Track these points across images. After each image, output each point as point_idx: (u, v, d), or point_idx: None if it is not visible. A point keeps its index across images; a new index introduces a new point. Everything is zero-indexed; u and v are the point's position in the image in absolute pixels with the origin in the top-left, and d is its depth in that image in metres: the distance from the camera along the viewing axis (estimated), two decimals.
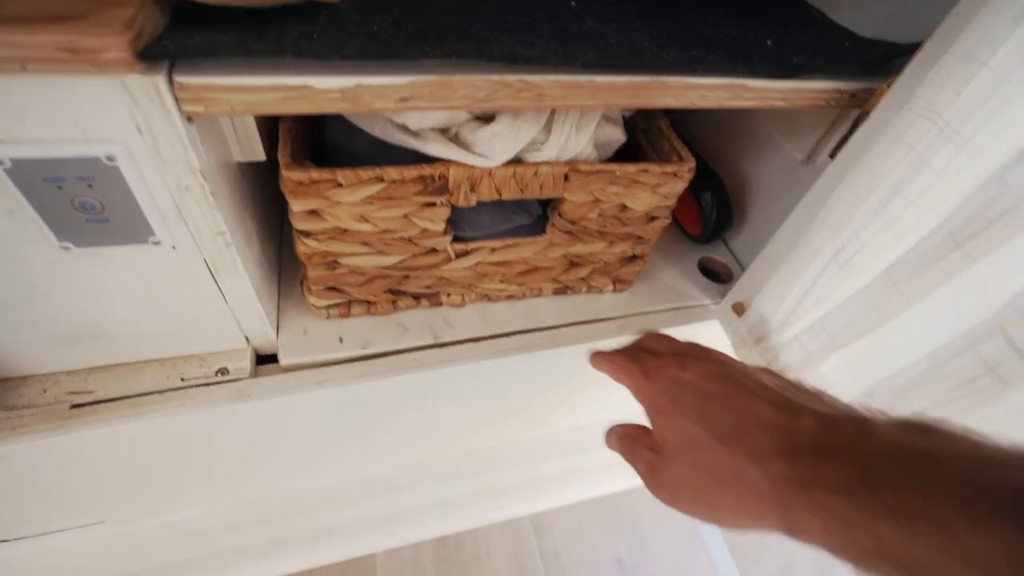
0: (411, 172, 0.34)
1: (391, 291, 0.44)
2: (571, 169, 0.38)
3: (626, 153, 0.44)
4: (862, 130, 0.38)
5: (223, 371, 0.43)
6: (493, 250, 0.43)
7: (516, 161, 0.38)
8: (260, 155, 0.36)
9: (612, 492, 0.78)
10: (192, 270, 0.35)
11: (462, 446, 0.66)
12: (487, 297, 0.49)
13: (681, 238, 0.61)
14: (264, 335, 0.43)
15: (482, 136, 0.35)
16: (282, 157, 0.34)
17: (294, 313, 0.45)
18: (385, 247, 0.39)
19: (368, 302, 0.45)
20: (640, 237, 0.47)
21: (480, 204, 0.40)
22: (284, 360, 0.43)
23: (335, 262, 0.40)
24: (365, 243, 0.39)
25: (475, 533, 0.82)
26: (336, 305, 0.44)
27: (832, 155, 0.42)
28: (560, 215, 0.42)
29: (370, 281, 0.42)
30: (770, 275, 0.44)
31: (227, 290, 0.38)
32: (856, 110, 0.41)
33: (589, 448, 0.73)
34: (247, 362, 0.43)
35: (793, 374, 0.44)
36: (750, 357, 0.47)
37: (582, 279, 0.50)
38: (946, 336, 0.33)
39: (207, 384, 0.42)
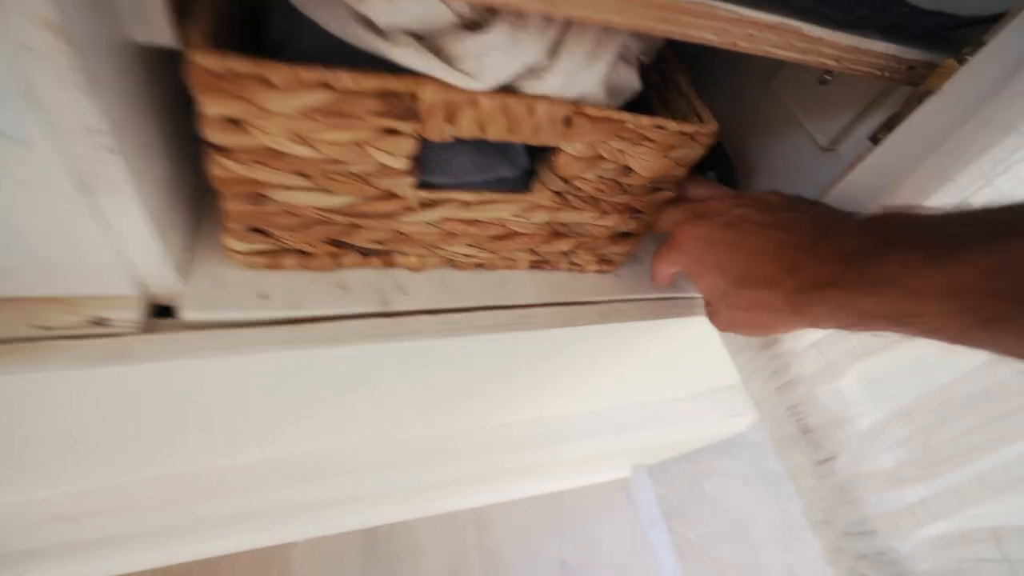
0: (370, 82, 0.26)
1: (333, 242, 0.36)
2: (575, 111, 0.30)
3: (634, 110, 0.36)
4: (924, 111, 0.32)
5: (100, 321, 0.33)
6: (466, 204, 0.35)
7: (509, 90, 0.30)
8: (165, 35, 0.26)
9: (560, 490, 0.73)
10: (52, 180, 0.26)
11: (405, 433, 0.58)
12: (451, 263, 0.41)
13: None
14: (162, 280, 0.33)
15: (471, 47, 0.27)
16: (190, 34, 0.24)
17: (210, 258, 0.36)
18: (330, 183, 0.31)
19: (303, 252, 0.36)
20: (637, 210, 0.40)
21: (457, 142, 0.32)
22: (187, 314, 0.34)
23: (261, 195, 0.31)
24: (303, 174, 0.30)
25: (409, 525, 0.75)
26: (262, 253, 0.35)
27: (875, 138, 0.36)
28: (552, 170, 0.34)
29: (307, 226, 0.34)
30: None
31: (109, 215, 0.28)
32: (908, 87, 0.35)
33: (543, 443, 0.66)
34: (135, 313, 0.34)
35: (804, 388, 0.39)
36: (754, 365, 0.42)
37: (563, 253, 0.43)
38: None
39: (74, 337, 0.32)
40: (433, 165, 0.32)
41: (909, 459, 0.31)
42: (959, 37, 0.33)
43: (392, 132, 0.28)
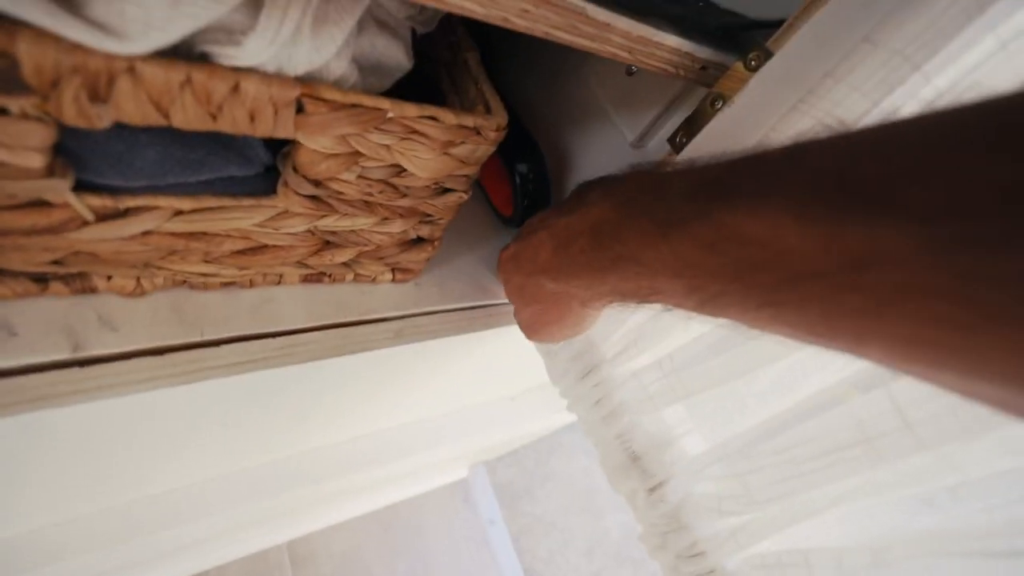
0: None
1: None
2: (307, 93, 0.23)
3: (421, 93, 0.30)
4: (723, 118, 0.30)
5: None
6: (179, 213, 0.26)
7: (199, 57, 0.21)
8: None
9: (391, 503, 0.67)
10: None
11: (183, 480, 0.47)
12: (186, 283, 0.31)
13: (490, 218, 0.49)
14: None
15: None
16: None
17: None
18: None
19: None
20: (427, 215, 0.34)
21: (138, 131, 0.23)
22: None
23: None
24: None
25: (217, 573, 0.64)
26: None
27: (676, 145, 0.34)
28: (295, 169, 0.26)
29: None
30: None
31: None
32: (702, 89, 0.33)
33: (364, 464, 0.59)
34: None
35: (628, 417, 0.37)
36: (577, 392, 0.39)
37: (344, 264, 0.35)
38: (813, 387, 0.27)
39: None
40: (104, 163, 0.23)
41: (728, 492, 0.31)
42: (747, 40, 0.31)
43: None
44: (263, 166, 0.28)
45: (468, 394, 0.63)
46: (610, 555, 1.36)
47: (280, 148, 0.28)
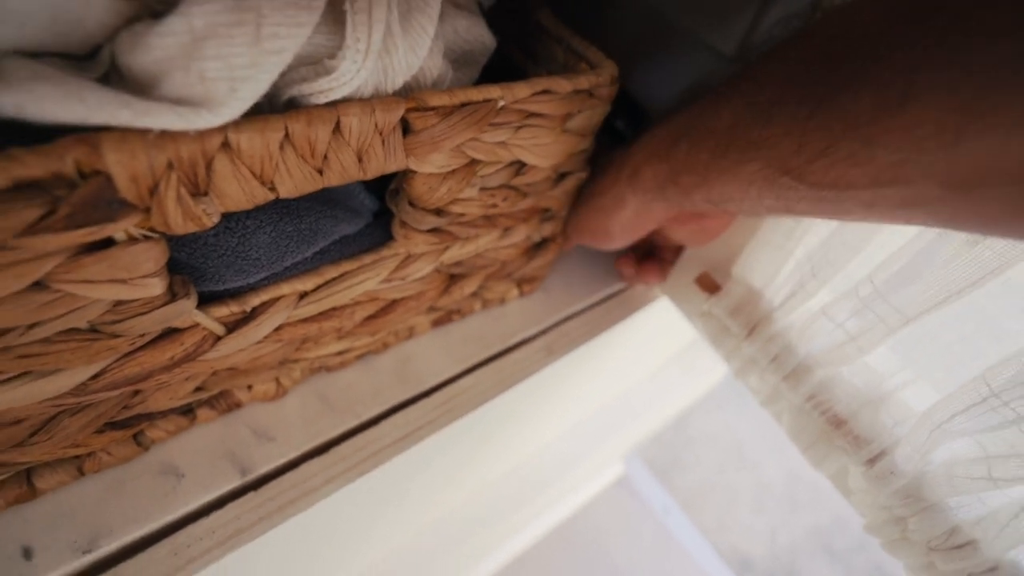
0: None
1: (113, 426, 0.22)
2: (413, 107, 0.19)
3: (495, 79, 0.25)
4: None
5: None
6: (304, 296, 0.23)
7: (287, 104, 0.17)
8: None
9: (564, 518, 0.63)
10: None
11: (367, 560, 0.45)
12: (322, 368, 0.28)
13: None
14: None
15: (164, 47, 0.14)
16: None
17: None
18: (27, 363, 0.17)
19: (71, 458, 0.22)
20: (547, 211, 0.30)
21: (243, 219, 0.19)
22: None
23: None
24: None
25: None
26: None
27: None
28: (413, 204, 0.22)
29: (46, 427, 0.20)
30: (756, 223, 0.30)
31: None
32: None
33: (535, 488, 0.56)
34: None
35: (820, 371, 0.30)
36: (745, 355, 0.33)
37: (473, 295, 0.31)
38: None
39: None
40: (219, 264, 0.19)
41: (996, 449, 0.23)
42: None
43: (96, 248, 0.15)
44: (371, 215, 0.24)
45: (612, 386, 0.58)
46: (782, 506, 1.27)
47: (382, 190, 0.24)
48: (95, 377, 0.19)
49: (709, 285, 0.34)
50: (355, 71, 0.17)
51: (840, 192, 0.20)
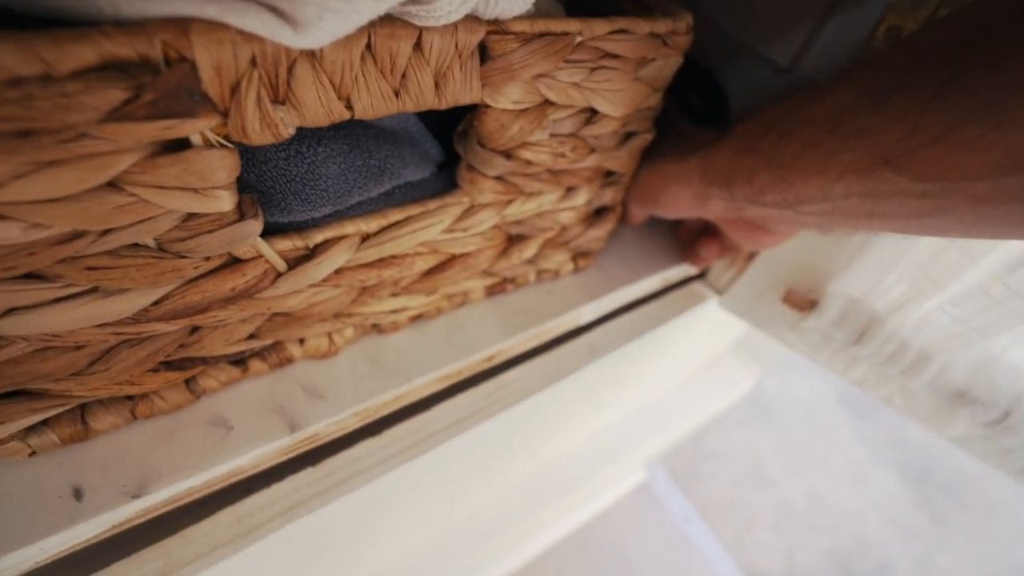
0: (80, 49, 0.12)
1: (168, 365, 0.21)
2: (493, 31, 0.18)
3: None
4: None
5: None
6: (367, 239, 0.22)
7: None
8: None
9: (583, 522, 0.61)
10: None
11: (387, 557, 0.44)
12: (376, 328, 0.27)
13: None
14: None
15: None
16: None
17: None
18: (97, 276, 0.16)
19: (122, 399, 0.21)
20: (611, 173, 0.29)
21: (314, 146, 0.19)
22: None
23: None
24: (42, 276, 0.16)
25: None
26: (42, 430, 0.20)
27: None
28: (482, 144, 0.21)
29: (104, 361, 0.19)
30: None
31: None
32: None
33: (558, 492, 0.54)
34: None
35: (941, 357, 0.29)
36: (845, 356, 0.31)
37: (528, 262, 0.30)
38: None
39: None
40: (287, 191, 0.19)
41: None
42: None
43: (167, 149, 0.15)
44: (435, 166, 0.23)
45: (644, 393, 0.56)
46: (800, 526, 1.22)
47: (449, 143, 0.23)
48: (158, 303, 0.18)
49: (800, 302, 0.33)
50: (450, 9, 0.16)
51: (948, 184, 0.19)
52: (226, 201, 0.16)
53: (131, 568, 0.21)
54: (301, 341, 0.25)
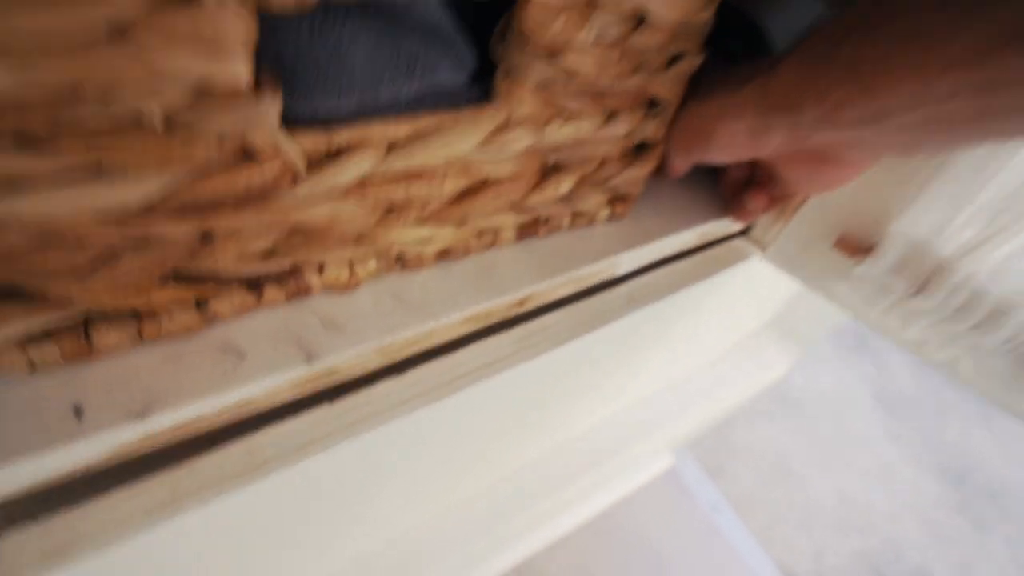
0: None
1: (177, 278, 0.20)
2: None
3: None
4: None
5: None
6: (393, 147, 0.20)
7: None
8: None
9: (607, 506, 0.59)
10: None
11: (403, 525, 0.42)
12: (400, 262, 0.26)
13: None
14: None
15: None
16: None
17: None
18: (97, 153, 0.15)
19: (132, 315, 0.20)
20: (654, 101, 0.26)
21: (340, 25, 0.17)
22: None
23: None
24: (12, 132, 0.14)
25: None
26: (40, 338, 0.19)
27: None
28: (524, 41, 0.19)
29: (106, 260, 0.18)
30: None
31: None
32: None
33: (581, 469, 0.51)
34: None
35: (1015, 321, 0.26)
36: (902, 312, 0.29)
37: (563, 199, 0.28)
38: None
39: None
40: (309, 73, 0.17)
41: None
42: None
43: (184, 3, 0.13)
44: (469, 73, 0.21)
45: (681, 358, 0.54)
46: (830, 526, 1.17)
47: (483, 52, 0.21)
48: (165, 197, 0.16)
49: (853, 247, 0.30)
50: None
51: None
52: (241, 68, 0.15)
53: (134, 496, 0.20)
54: (320, 269, 0.23)
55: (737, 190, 0.35)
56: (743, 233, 0.38)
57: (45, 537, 0.19)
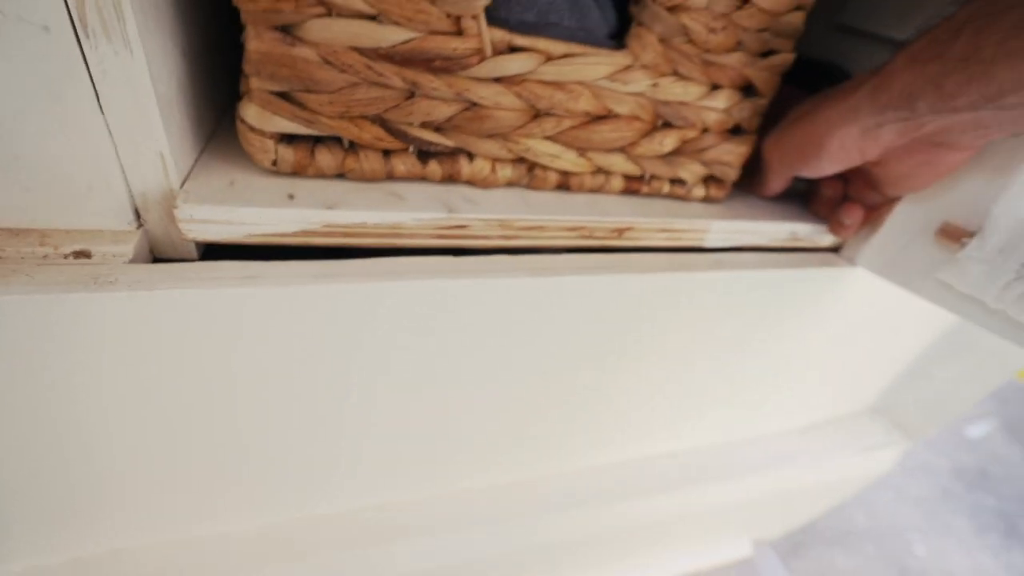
0: None
1: (384, 124, 0.28)
2: None
3: None
4: None
5: (81, 254, 0.24)
6: (550, 59, 0.28)
7: None
8: None
9: None
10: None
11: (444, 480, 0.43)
12: (529, 175, 0.32)
13: None
14: (162, 192, 0.25)
15: None
16: None
17: (223, 165, 0.28)
18: (388, 3, 0.23)
19: (344, 147, 0.28)
20: (751, 87, 0.33)
21: None
22: (182, 216, 0.25)
23: (291, 31, 0.24)
24: None
25: None
26: (290, 141, 0.27)
27: None
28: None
29: (352, 89, 0.26)
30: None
31: (98, 74, 0.21)
32: None
33: (638, 492, 0.49)
34: (128, 247, 0.25)
35: None
36: (1017, 294, 0.29)
37: (665, 161, 0.34)
38: None
39: (39, 264, 0.23)
40: None
41: None
42: None
43: None
44: (611, 27, 0.29)
45: (757, 409, 0.52)
46: None
47: (626, 10, 0.29)
48: (406, 42, 0.25)
49: (956, 233, 0.32)
50: None
51: None
52: None
53: (305, 265, 0.26)
54: (471, 158, 0.30)
55: (832, 208, 0.38)
56: (834, 251, 0.40)
57: (246, 268, 0.25)
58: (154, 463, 0.31)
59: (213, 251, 0.27)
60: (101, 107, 0.22)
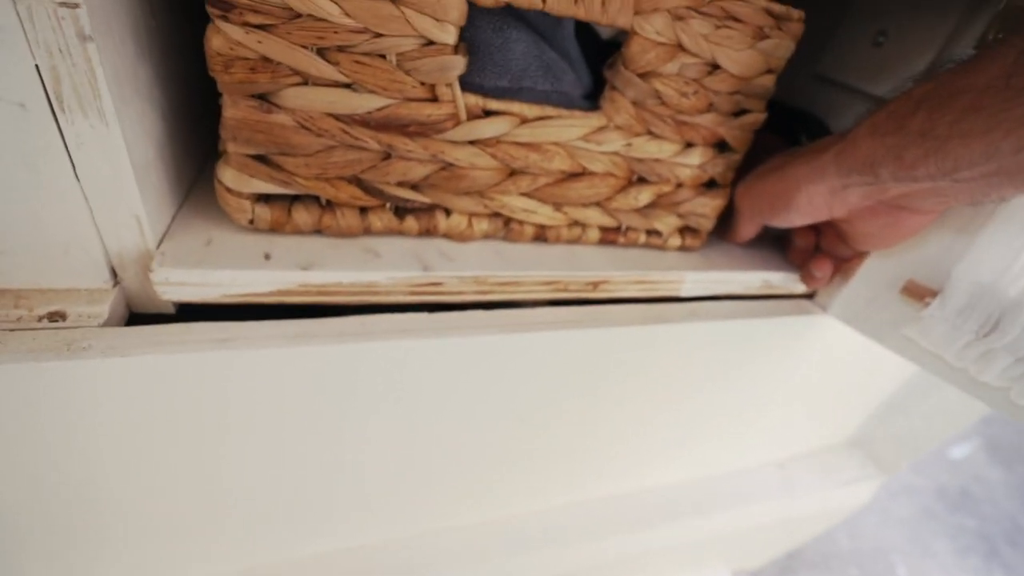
0: None
1: (359, 183, 0.28)
2: None
3: None
4: None
5: (56, 316, 0.24)
6: (524, 122, 0.28)
7: None
8: None
9: None
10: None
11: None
12: (506, 228, 0.32)
13: None
14: (139, 252, 0.25)
15: None
16: None
17: (200, 223, 0.28)
18: (357, 70, 0.24)
19: (320, 205, 0.28)
20: (724, 144, 0.33)
21: (508, 28, 0.26)
22: (157, 279, 0.25)
23: (268, 100, 0.24)
24: (322, 52, 0.23)
25: None
26: (267, 201, 0.27)
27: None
28: (625, 65, 0.28)
29: (327, 152, 0.26)
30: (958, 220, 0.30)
31: (74, 147, 0.21)
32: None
33: (618, 529, 0.50)
34: (104, 307, 0.25)
35: None
36: (978, 352, 0.30)
37: (641, 214, 0.34)
38: None
39: (10, 329, 0.23)
40: (483, 56, 0.26)
41: None
42: None
43: None
44: (585, 89, 0.30)
45: (735, 445, 0.53)
46: None
47: (600, 71, 0.30)
48: (381, 109, 0.25)
49: (919, 292, 0.33)
50: None
51: None
52: (452, 35, 0.24)
53: (280, 325, 0.26)
54: (448, 213, 0.31)
55: (805, 258, 0.39)
56: (809, 297, 0.41)
57: (221, 330, 0.25)
58: (131, 520, 0.31)
59: (190, 306, 0.28)
60: (77, 176, 0.22)
